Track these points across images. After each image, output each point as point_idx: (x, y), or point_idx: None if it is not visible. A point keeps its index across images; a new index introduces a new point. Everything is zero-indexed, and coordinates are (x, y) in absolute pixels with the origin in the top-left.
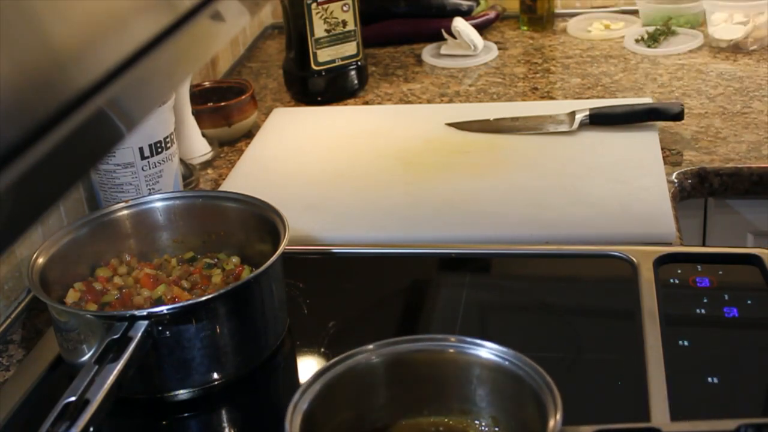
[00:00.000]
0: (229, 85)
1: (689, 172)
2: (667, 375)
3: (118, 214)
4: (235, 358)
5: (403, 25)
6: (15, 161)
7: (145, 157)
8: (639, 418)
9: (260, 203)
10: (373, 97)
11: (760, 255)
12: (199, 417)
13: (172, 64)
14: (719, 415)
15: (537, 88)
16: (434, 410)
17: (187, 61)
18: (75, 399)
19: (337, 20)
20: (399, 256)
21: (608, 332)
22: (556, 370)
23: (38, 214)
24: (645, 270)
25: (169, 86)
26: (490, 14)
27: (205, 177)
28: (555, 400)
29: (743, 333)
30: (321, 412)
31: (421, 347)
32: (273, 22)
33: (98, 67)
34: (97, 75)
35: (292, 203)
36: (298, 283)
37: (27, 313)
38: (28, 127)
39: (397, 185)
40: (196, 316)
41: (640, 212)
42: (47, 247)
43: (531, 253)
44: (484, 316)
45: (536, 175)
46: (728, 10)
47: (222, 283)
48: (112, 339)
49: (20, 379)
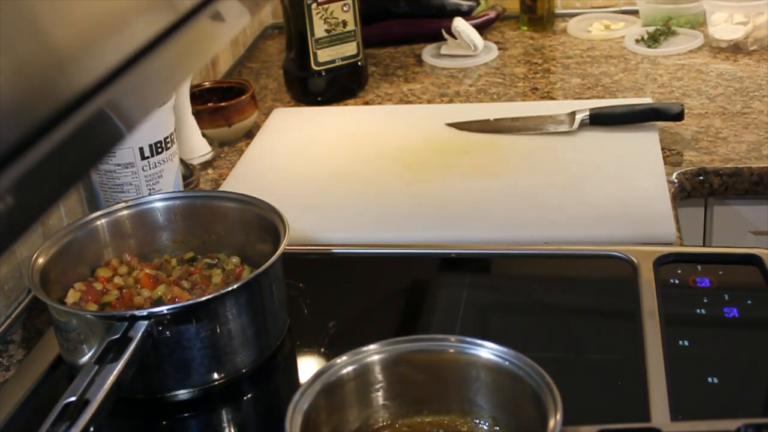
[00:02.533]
0: (229, 85)
1: (689, 172)
2: (667, 375)
3: (118, 214)
4: (235, 358)
5: (403, 25)
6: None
7: (145, 157)
8: (639, 418)
9: (260, 203)
10: (373, 97)
11: (760, 255)
12: (199, 417)
13: (172, 64)
14: (719, 415)
15: (537, 88)
16: (434, 410)
17: (187, 61)
18: (75, 399)
19: (337, 20)
20: (399, 256)
21: (608, 332)
22: (556, 370)
23: (38, 214)
24: (645, 270)
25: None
26: (490, 14)
27: (205, 177)
28: (555, 400)
29: (743, 333)
30: (321, 412)
31: (421, 347)
32: (273, 22)
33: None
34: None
35: (292, 203)
36: (298, 283)
37: (27, 313)
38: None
39: (397, 185)
40: (196, 316)
41: (640, 212)
42: (47, 247)
43: (531, 253)
44: (484, 316)
45: (536, 175)
46: (728, 10)
47: (222, 283)
48: (112, 339)
49: (20, 379)
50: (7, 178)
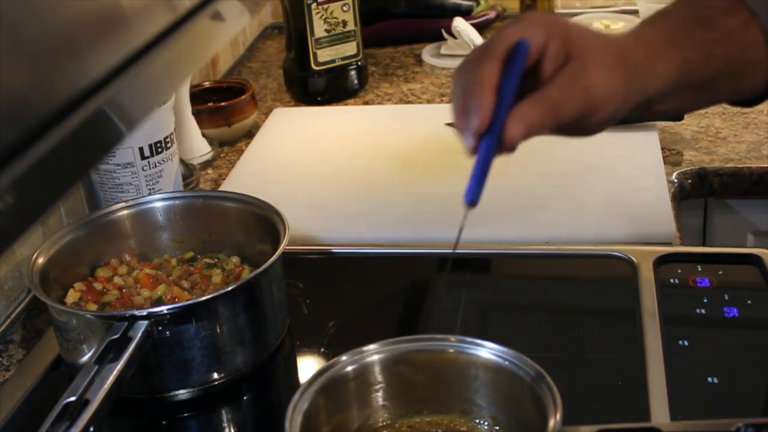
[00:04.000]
0: (229, 85)
1: (689, 172)
2: (667, 375)
3: (118, 214)
4: (235, 358)
5: (403, 25)
6: (15, 161)
7: (145, 157)
8: (639, 418)
9: (260, 203)
10: (373, 97)
11: (760, 255)
12: (199, 417)
13: (172, 64)
14: (719, 415)
15: None
16: (434, 410)
17: (187, 61)
18: (75, 399)
19: (337, 20)
20: (399, 256)
21: (608, 332)
22: (556, 370)
23: (38, 214)
24: (645, 270)
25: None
26: (490, 14)
27: (205, 177)
28: (555, 400)
29: (743, 333)
30: (321, 412)
31: (421, 347)
32: (273, 22)
33: (98, 67)
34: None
35: (292, 203)
36: (298, 283)
37: (27, 313)
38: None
39: (397, 185)
40: (196, 316)
41: (640, 212)
42: (47, 247)
43: (531, 253)
44: (484, 316)
45: (536, 175)
46: None
47: (222, 283)
48: (112, 339)
49: (20, 379)
50: (7, 178)
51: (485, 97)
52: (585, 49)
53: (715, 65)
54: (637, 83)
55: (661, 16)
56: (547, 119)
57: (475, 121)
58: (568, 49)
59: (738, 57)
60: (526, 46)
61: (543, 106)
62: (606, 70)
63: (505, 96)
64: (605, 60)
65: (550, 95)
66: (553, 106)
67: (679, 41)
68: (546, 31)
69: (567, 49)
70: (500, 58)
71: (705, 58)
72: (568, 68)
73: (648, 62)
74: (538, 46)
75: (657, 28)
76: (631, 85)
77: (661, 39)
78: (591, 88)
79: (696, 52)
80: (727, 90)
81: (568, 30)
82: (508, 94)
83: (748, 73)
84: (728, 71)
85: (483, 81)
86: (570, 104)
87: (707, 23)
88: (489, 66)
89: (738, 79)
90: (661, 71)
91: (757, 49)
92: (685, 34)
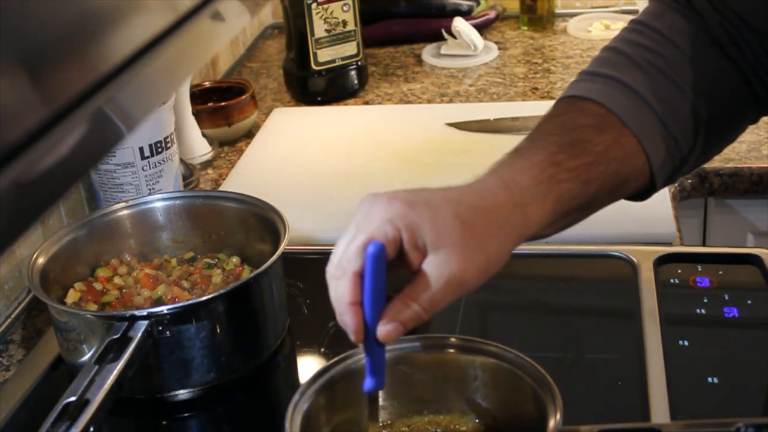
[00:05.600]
0: (229, 85)
1: None
2: (667, 375)
3: (118, 214)
4: (235, 358)
5: (403, 25)
6: (15, 161)
7: (145, 157)
8: (639, 418)
9: (260, 203)
10: (373, 97)
11: (760, 255)
12: (199, 417)
13: (172, 64)
14: (719, 415)
15: (537, 88)
16: (434, 410)
17: (187, 61)
18: (75, 399)
19: (337, 20)
20: None
21: (608, 332)
22: (556, 370)
23: (38, 214)
24: (645, 270)
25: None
26: (490, 14)
27: (205, 177)
28: (555, 400)
29: (743, 333)
30: (321, 412)
31: (421, 347)
32: (273, 22)
33: (98, 67)
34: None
35: (292, 203)
36: (298, 283)
37: (27, 313)
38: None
39: (397, 185)
40: (196, 316)
41: (640, 212)
42: (47, 247)
43: (531, 253)
44: (484, 316)
45: None
46: None
47: (222, 283)
48: (112, 339)
49: (20, 379)
50: (7, 178)
51: (350, 314)
52: (441, 236)
53: (593, 187)
54: (508, 242)
55: (531, 148)
56: (421, 314)
57: (351, 335)
58: (424, 239)
59: (615, 173)
60: (378, 250)
61: (414, 302)
62: (469, 252)
63: (375, 301)
64: (466, 242)
65: (420, 289)
66: (426, 301)
67: (551, 177)
68: (395, 227)
69: (423, 238)
70: (354, 272)
71: (581, 184)
72: (432, 260)
73: (519, 214)
74: (394, 242)
75: (525, 169)
76: (501, 246)
77: (533, 183)
78: (459, 273)
79: (571, 183)
80: (610, 200)
81: (420, 218)
82: (376, 299)
83: (630, 180)
84: (608, 187)
85: (344, 299)
86: (442, 294)
87: (580, 148)
88: (344, 284)
89: (620, 189)
90: (535, 217)
91: (635, 158)
92: (557, 167)
